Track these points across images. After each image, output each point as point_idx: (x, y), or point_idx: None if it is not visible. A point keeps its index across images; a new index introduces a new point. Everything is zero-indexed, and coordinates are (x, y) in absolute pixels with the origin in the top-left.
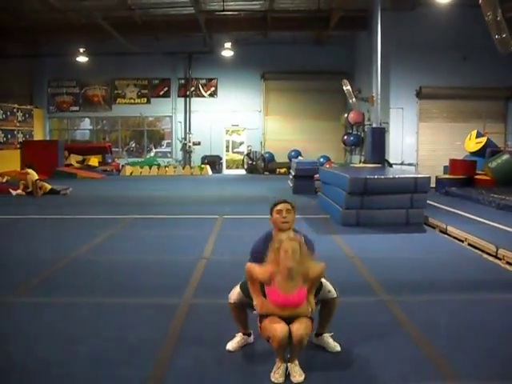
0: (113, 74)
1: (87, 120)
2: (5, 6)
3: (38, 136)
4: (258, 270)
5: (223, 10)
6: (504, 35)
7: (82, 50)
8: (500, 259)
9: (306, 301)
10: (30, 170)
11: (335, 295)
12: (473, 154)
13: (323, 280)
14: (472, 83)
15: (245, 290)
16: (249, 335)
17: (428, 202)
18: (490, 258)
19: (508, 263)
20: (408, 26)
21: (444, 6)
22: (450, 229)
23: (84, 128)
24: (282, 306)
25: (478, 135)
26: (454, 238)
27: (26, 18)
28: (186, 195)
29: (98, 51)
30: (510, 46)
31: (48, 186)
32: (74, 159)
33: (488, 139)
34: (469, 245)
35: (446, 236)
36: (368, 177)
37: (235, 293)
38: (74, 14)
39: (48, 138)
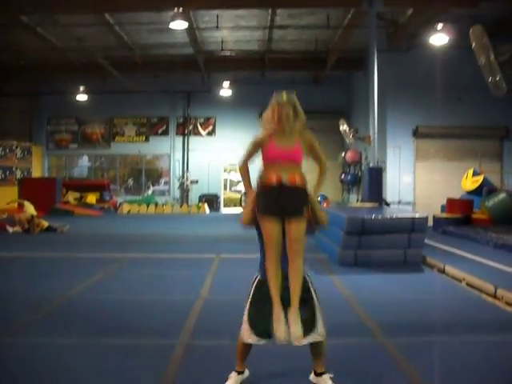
0: (112, 111)
1: (85, 157)
2: (7, 45)
3: (36, 173)
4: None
5: (222, 50)
6: (497, 78)
7: (81, 88)
8: (499, 299)
9: (301, 159)
10: (27, 203)
11: (323, 337)
12: (470, 192)
13: (317, 314)
14: (467, 123)
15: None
16: (243, 373)
17: (426, 241)
18: (489, 299)
19: (507, 304)
20: (404, 66)
21: (438, 48)
22: (448, 268)
23: (82, 165)
24: (279, 158)
25: (475, 174)
26: (452, 277)
27: (27, 57)
28: (184, 234)
29: (98, 89)
30: (504, 89)
31: (45, 224)
32: (71, 196)
33: (484, 178)
34: (467, 285)
35: (444, 276)
36: (366, 216)
37: (245, 332)
38: (74, 54)
39: (46, 175)
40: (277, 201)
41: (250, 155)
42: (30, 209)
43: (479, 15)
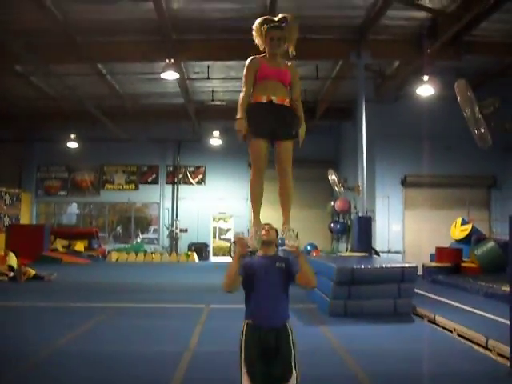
0: (102, 159)
1: (74, 204)
2: (0, 92)
3: (24, 220)
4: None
5: (212, 100)
6: (482, 131)
7: (72, 135)
8: (490, 350)
9: (289, 83)
10: (11, 253)
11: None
12: (458, 241)
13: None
14: (455, 172)
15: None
16: None
17: (415, 290)
18: (481, 350)
19: (499, 355)
20: (392, 116)
21: (425, 99)
22: (439, 319)
23: (71, 212)
24: (269, 76)
25: (463, 223)
26: (443, 328)
27: (20, 104)
28: (172, 283)
29: (88, 137)
30: (489, 141)
31: (32, 272)
32: (59, 244)
33: (473, 227)
34: (458, 335)
35: (434, 326)
36: (355, 266)
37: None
38: (66, 102)
39: (34, 222)
40: (266, 118)
41: (248, 81)
42: (11, 259)
43: (463, 67)
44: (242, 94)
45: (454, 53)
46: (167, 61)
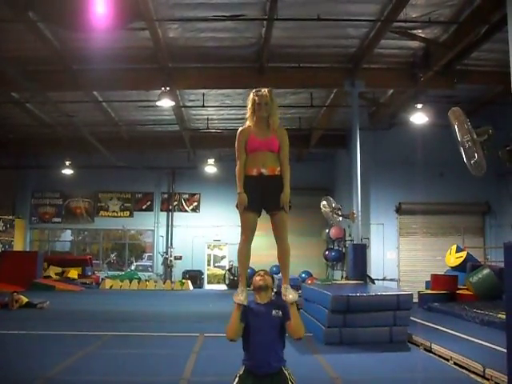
0: (97, 186)
1: (68, 231)
2: None
3: (17, 246)
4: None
5: (207, 129)
6: (477, 158)
7: (67, 162)
8: (488, 379)
9: (278, 150)
10: None
11: None
12: (454, 268)
13: None
14: (449, 199)
15: None
16: None
17: (411, 318)
18: (478, 379)
19: None
20: (386, 143)
21: (419, 126)
22: (435, 347)
23: (65, 239)
24: (259, 148)
25: (458, 250)
26: (439, 356)
27: (16, 130)
28: (166, 311)
29: (83, 164)
30: (484, 169)
31: (24, 299)
32: (52, 271)
33: (468, 254)
34: (455, 364)
35: (430, 354)
36: (350, 294)
37: None
38: (62, 129)
39: (28, 249)
40: (256, 192)
41: (240, 152)
42: None
43: (456, 95)
44: (237, 167)
45: (446, 81)
46: (163, 89)
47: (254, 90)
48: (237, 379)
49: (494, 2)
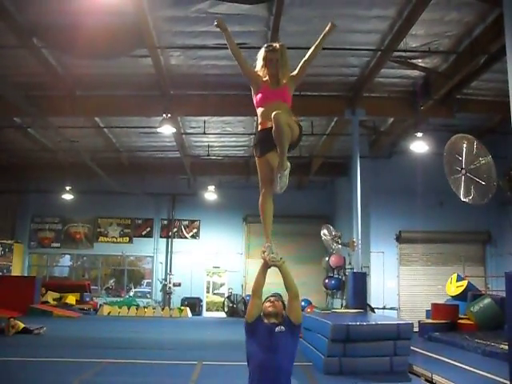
0: (96, 212)
1: (67, 256)
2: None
3: (15, 271)
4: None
5: (208, 156)
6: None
7: (67, 187)
8: None
9: (290, 100)
10: None
11: None
12: (454, 297)
13: None
14: (450, 227)
15: None
16: None
17: (412, 347)
18: None
19: None
20: (386, 172)
21: (419, 155)
22: (436, 377)
23: (63, 265)
24: (272, 98)
25: (459, 279)
26: None
27: (17, 155)
28: (164, 338)
29: (83, 189)
30: (484, 200)
31: (21, 325)
32: (50, 296)
33: (468, 283)
34: None
35: None
36: (350, 323)
37: None
38: (62, 154)
39: (26, 274)
40: (271, 142)
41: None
42: None
43: (456, 124)
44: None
45: (446, 110)
46: (164, 115)
47: (265, 45)
48: None
49: (492, 33)
